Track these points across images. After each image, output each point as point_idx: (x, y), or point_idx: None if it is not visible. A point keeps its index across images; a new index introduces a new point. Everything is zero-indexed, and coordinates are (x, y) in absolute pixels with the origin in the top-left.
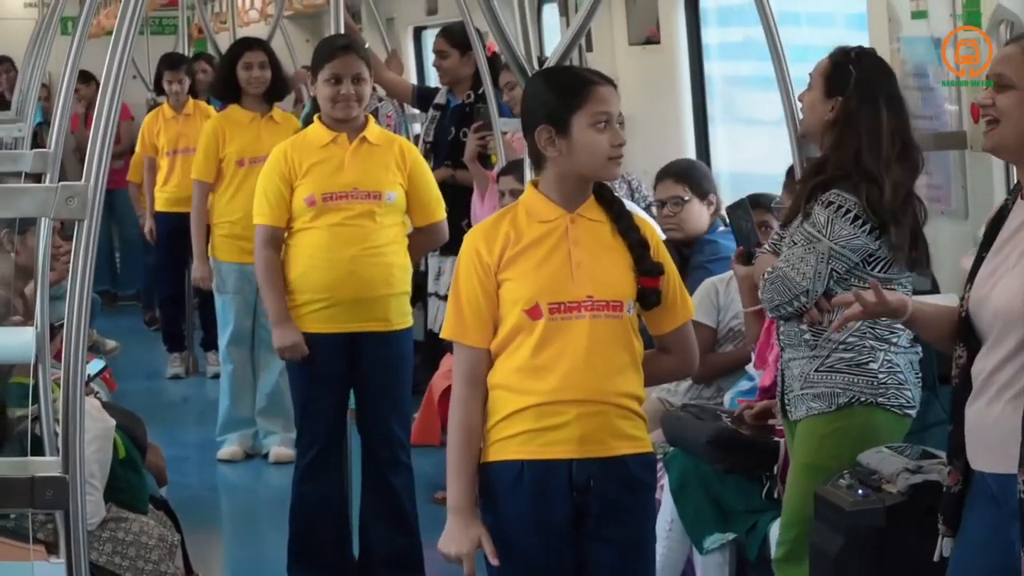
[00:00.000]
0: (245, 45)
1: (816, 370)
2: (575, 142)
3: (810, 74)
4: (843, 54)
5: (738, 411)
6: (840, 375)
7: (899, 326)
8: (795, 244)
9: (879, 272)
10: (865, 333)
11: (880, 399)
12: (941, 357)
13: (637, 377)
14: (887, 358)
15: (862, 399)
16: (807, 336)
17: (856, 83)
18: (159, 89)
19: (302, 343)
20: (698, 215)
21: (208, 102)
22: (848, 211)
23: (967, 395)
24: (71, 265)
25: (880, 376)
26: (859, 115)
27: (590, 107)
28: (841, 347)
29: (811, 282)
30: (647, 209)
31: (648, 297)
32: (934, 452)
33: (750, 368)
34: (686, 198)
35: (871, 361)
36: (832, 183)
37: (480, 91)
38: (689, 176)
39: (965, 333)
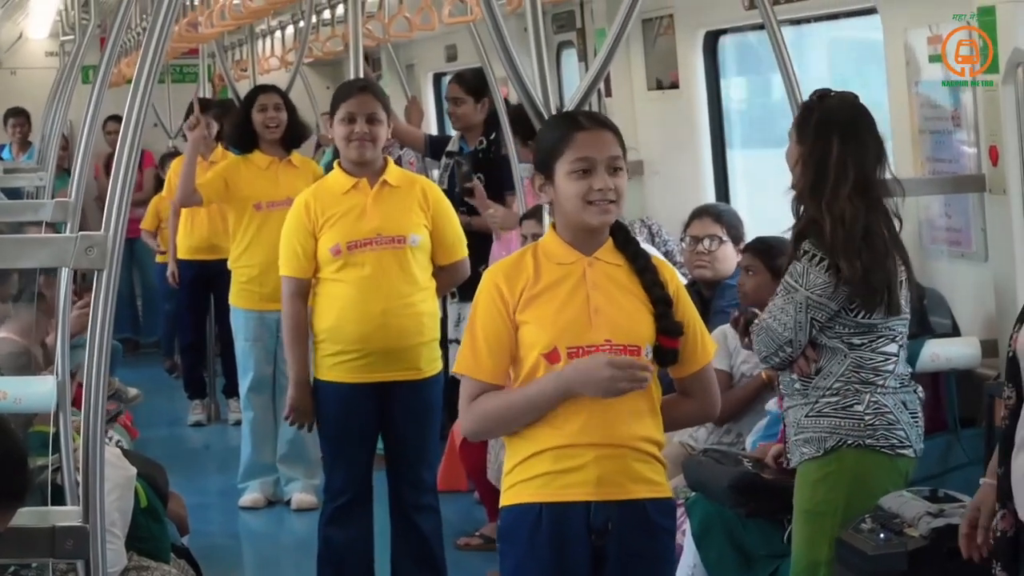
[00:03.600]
0: (259, 90)
1: (806, 416)
2: (558, 189)
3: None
4: (810, 98)
5: (756, 451)
6: (827, 419)
7: (887, 367)
8: (776, 295)
9: (861, 318)
10: (850, 377)
11: (868, 440)
12: (963, 400)
13: (655, 421)
14: (873, 399)
15: (849, 441)
16: (797, 385)
17: (814, 124)
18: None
19: (311, 412)
20: (730, 258)
21: (226, 148)
22: (822, 260)
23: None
24: (90, 314)
25: (867, 418)
26: (811, 154)
27: (569, 154)
28: (828, 392)
29: (792, 332)
30: (667, 255)
31: (664, 355)
32: (955, 495)
33: (771, 405)
34: (723, 238)
35: (856, 403)
36: (806, 232)
37: (492, 136)
38: (726, 219)
39: (1012, 374)
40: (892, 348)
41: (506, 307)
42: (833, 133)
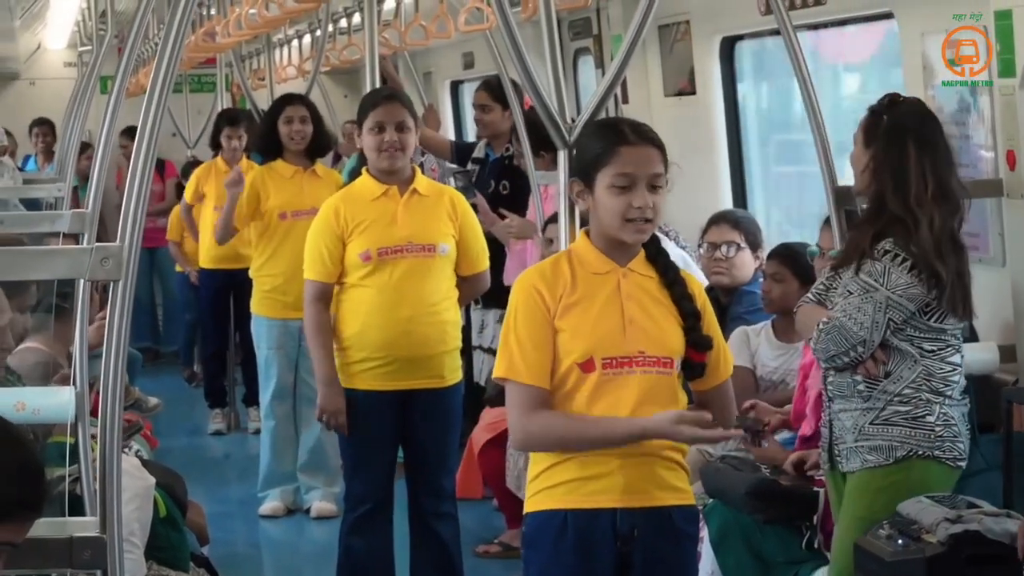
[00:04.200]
0: (286, 100)
1: (871, 423)
2: (597, 201)
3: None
4: (880, 103)
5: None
6: (897, 428)
7: (954, 378)
8: (851, 294)
9: (933, 322)
10: (921, 386)
11: (936, 452)
12: (981, 407)
13: None
14: (943, 411)
15: (920, 452)
16: (860, 387)
17: (886, 129)
18: (216, 144)
19: (343, 411)
20: (747, 265)
21: (248, 158)
22: (904, 260)
23: None
24: (106, 325)
25: (937, 429)
26: (886, 158)
27: (611, 168)
28: (896, 399)
29: (868, 332)
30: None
31: (692, 369)
32: (975, 501)
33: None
34: (741, 245)
35: (928, 414)
36: (886, 232)
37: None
38: (744, 225)
39: None
40: (957, 359)
41: (548, 311)
42: (907, 139)
